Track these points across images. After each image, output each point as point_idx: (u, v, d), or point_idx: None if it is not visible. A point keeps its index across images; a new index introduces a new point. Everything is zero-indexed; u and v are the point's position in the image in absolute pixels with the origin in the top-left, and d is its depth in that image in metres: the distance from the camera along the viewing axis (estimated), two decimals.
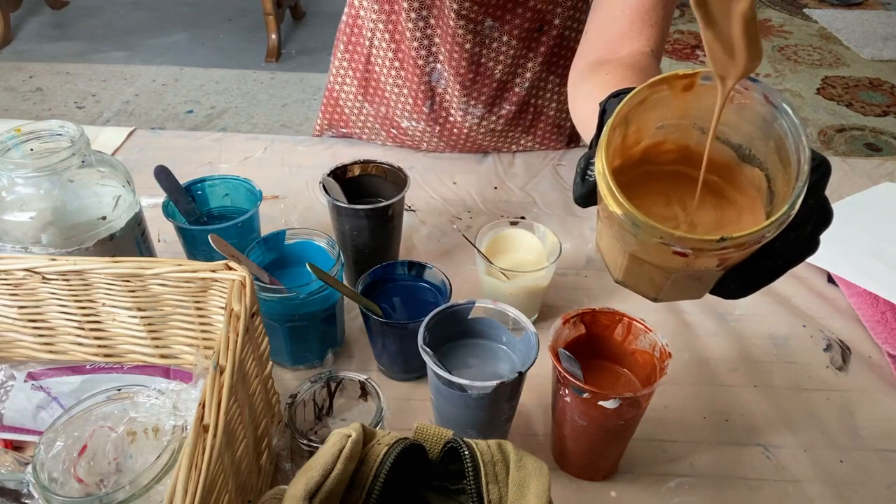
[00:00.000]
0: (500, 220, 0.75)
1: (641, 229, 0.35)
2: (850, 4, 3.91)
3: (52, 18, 3.58)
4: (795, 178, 0.34)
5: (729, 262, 0.36)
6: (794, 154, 0.34)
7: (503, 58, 0.89)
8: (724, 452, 0.62)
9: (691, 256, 0.35)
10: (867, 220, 0.87)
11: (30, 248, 0.59)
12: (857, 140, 2.68)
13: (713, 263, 0.36)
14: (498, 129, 0.98)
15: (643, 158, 0.42)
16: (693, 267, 0.36)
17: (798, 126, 0.34)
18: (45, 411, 0.56)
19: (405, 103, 0.96)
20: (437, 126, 0.97)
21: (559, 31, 0.89)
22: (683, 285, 0.40)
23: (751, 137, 0.38)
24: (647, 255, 0.37)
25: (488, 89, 0.92)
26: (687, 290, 0.41)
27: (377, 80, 0.96)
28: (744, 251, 0.35)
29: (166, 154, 1.00)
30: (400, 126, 0.99)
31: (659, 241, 0.35)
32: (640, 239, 0.36)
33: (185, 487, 0.37)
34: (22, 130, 0.60)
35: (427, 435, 0.40)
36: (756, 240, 0.34)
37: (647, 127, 0.40)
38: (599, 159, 0.37)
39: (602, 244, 0.44)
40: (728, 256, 0.35)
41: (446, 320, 0.58)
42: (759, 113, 0.36)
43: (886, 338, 0.72)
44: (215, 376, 0.42)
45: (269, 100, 2.88)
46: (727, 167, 0.40)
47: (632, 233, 0.36)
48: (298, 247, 0.70)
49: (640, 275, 0.40)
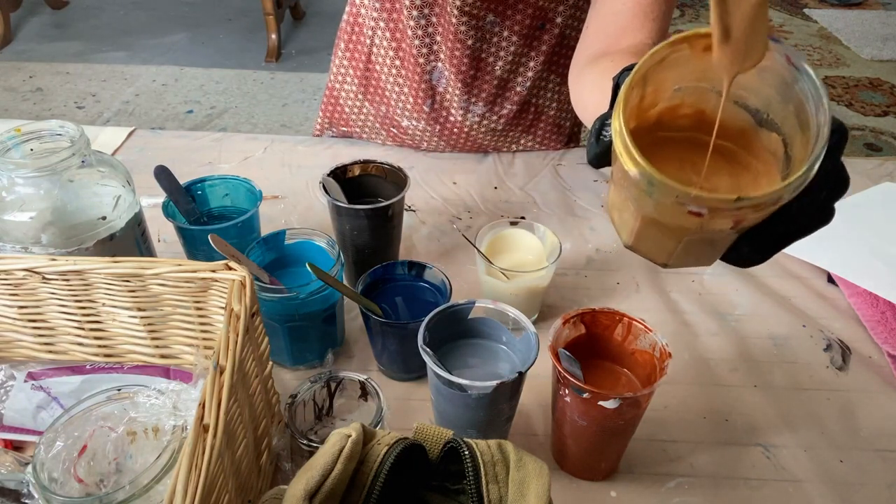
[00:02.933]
0: (500, 220, 0.75)
1: (657, 188, 0.34)
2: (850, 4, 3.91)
3: (52, 18, 3.58)
4: (814, 141, 0.33)
5: (743, 225, 0.36)
6: (814, 117, 0.34)
7: (503, 54, 0.89)
8: (724, 452, 0.62)
9: (706, 217, 0.34)
10: (867, 220, 0.86)
11: (30, 248, 0.59)
12: (857, 140, 2.68)
13: (727, 225, 0.35)
14: (499, 128, 0.98)
15: (658, 123, 0.41)
16: (707, 228, 0.35)
17: (819, 88, 0.34)
18: (45, 411, 0.56)
19: (405, 102, 0.96)
20: (437, 125, 0.97)
21: (561, 31, 0.89)
22: (695, 249, 0.40)
23: (769, 100, 0.38)
24: (661, 215, 0.37)
25: (489, 86, 0.92)
26: (698, 255, 0.41)
27: (377, 78, 0.96)
28: (760, 213, 0.34)
29: (166, 154, 1.00)
30: (400, 125, 0.99)
31: (675, 201, 0.34)
32: (655, 199, 0.35)
33: (185, 487, 0.37)
34: (22, 130, 0.60)
35: (427, 435, 0.40)
36: (773, 200, 0.33)
37: (665, 88, 0.39)
38: (617, 118, 0.36)
39: (614, 208, 0.43)
40: (743, 218, 0.34)
41: (446, 320, 0.58)
42: (779, 75, 0.36)
43: (886, 338, 0.72)
44: (215, 376, 0.42)
45: (269, 100, 2.88)
46: (744, 132, 0.39)
47: (647, 192, 0.35)
48: (298, 247, 0.70)
49: (652, 238, 0.40)
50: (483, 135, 0.98)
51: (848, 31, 3.57)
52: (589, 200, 0.94)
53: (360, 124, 1.03)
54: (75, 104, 2.80)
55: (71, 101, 2.82)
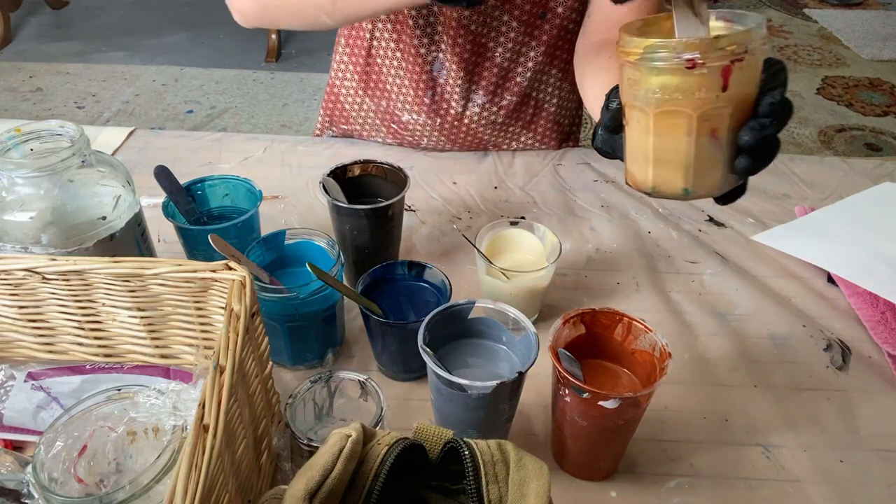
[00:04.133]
0: (500, 220, 0.75)
1: (659, 57, 0.43)
2: (850, 4, 3.91)
3: (52, 18, 3.58)
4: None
5: (732, 91, 0.43)
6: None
7: (504, 40, 0.90)
8: (724, 452, 0.62)
9: (701, 67, 0.42)
10: (867, 220, 0.87)
11: (30, 248, 0.59)
12: (858, 140, 2.68)
13: (719, 82, 0.43)
14: (498, 121, 0.98)
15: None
16: (707, 86, 0.43)
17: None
18: (45, 411, 0.56)
19: (406, 95, 0.96)
20: (437, 118, 0.97)
21: (561, 22, 0.90)
22: (706, 158, 0.46)
23: None
24: (666, 91, 0.44)
25: (489, 74, 0.93)
26: (709, 165, 0.46)
27: (378, 72, 0.97)
28: (743, 65, 0.42)
29: (166, 154, 1.00)
30: (400, 120, 0.99)
31: (674, 62, 0.42)
32: (658, 70, 0.43)
33: (185, 487, 0.37)
34: (22, 130, 0.60)
35: (427, 435, 0.40)
36: (746, 41, 0.42)
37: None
38: (620, 35, 0.45)
39: (631, 154, 0.49)
40: (730, 72, 0.43)
41: (446, 320, 0.58)
42: None
43: (886, 338, 0.72)
44: (215, 376, 0.42)
45: (269, 100, 2.88)
46: None
47: (650, 68, 0.43)
48: (298, 247, 0.70)
49: (668, 153, 0.46)
50: (483, 128, 0.98)
51: (848, 31, 3.57)
52: (589, 200, 0.94)
53: (360, 121, 1.04)
54: (75, 104, 2.81)
55: (71, 101, 2.82)
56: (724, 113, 0.44)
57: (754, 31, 0.43)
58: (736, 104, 0.44)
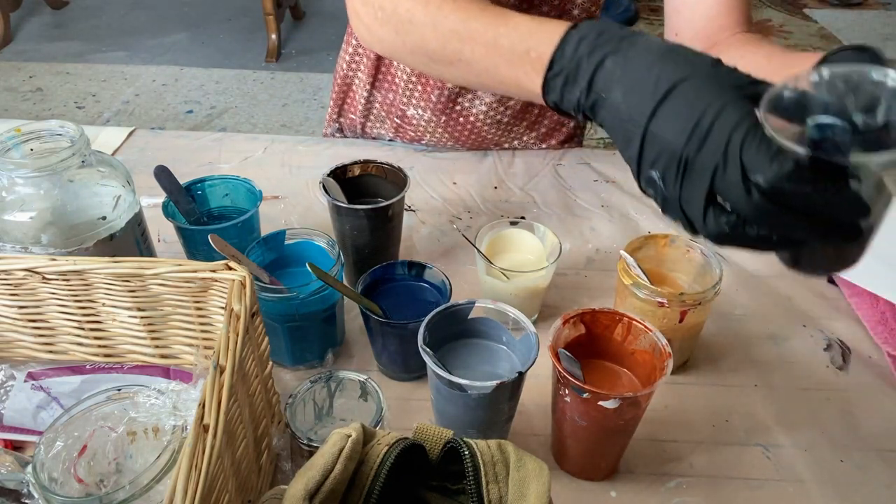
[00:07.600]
0: (500, 220, 0.75)
1: (641, 292, 0.64)
2: (850, 4, 3.91)
3: (52, 18, 3.58)
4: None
5: (686, 323, 0.63)
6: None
7: None
8: (724, 452, 0.62)
9: (666, 307, 0.62)
10: None
11: (30, 248, 0.59)
12: None
13: (677, 317, 0.64)
14: (504, 120, 0.98)
15: None
16: (667, 320, 0.64)
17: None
18: (45, 411, 0.56)
19: (413, 90, 0.96)
20: (443, 116, 0.97)
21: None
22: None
23: None
24: (645, 314, 0.62)
25: None
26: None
27: (388, 64, 0.97)
28: (697, 309, 0.63)
29: (166, 154, 1.00)
30: (405, 114, 0.99)
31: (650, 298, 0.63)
32: (640, 304, 0.64)
33: (185, 487, 0.37)
34: (22, 130, 0.60)
35: (427, 435, 0.40)
36: (701, 298, 0.62)
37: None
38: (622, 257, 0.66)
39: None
40: (686, 313, 0.63)
41: (446, 320, 0.58)
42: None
43: (886, 338, 0.72)
44: (215, 376, 0.42)
45: (269, 100, 2.88)
46: None
47: (636, 298, 0.64)
48: (298, 247, 0.70)
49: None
50: (488, 127, 0.98)
51: (848, 31, 3.57)
52: (589, 200, 0.94)
53: (365, 113, 1.03)
54: (75, 104, 2.81)
55: (71, 101, 2.82)
56: (677, 336, 0.64)
57: (709, 291, 0.62)
58: (686, 329, 0.64)
